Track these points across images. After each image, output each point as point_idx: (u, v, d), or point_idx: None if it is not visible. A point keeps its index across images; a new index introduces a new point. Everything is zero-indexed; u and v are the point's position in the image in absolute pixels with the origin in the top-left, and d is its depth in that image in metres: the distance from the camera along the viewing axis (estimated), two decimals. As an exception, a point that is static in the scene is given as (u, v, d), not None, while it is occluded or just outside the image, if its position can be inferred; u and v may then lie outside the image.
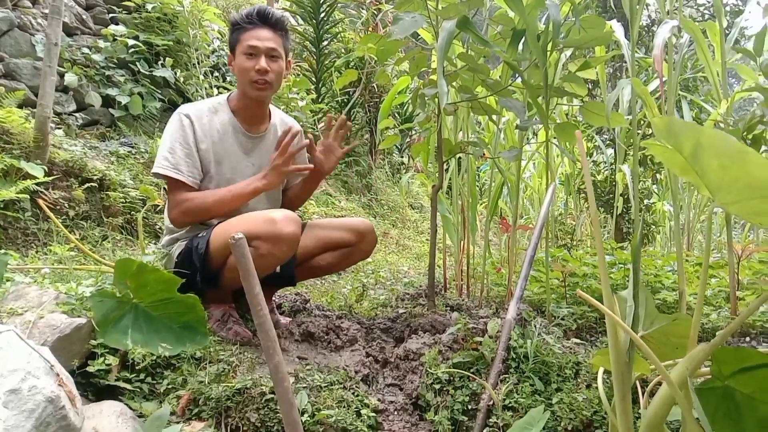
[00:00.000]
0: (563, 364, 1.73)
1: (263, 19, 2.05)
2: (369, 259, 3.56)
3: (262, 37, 2.03)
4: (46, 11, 3.04)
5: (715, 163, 1.00)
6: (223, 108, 2.11)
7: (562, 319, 2.05)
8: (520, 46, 2.21)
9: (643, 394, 1.48)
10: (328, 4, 6.03)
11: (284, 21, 2.12)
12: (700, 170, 1.06)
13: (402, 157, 7.85)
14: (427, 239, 5.62)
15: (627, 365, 1.20)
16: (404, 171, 7.54)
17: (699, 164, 1.04)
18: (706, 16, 5.14)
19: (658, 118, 0.98)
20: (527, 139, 2.66)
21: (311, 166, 2.14)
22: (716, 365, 1.16)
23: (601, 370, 1.48)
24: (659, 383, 1.41)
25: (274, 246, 1.82)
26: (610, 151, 4.90)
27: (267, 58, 2.03)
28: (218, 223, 1.99)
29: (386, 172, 7.01)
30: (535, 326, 1.83)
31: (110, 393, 1.58)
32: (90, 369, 1.58)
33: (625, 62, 5.09)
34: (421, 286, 2.91)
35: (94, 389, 1.59)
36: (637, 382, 1.53)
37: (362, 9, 6.93)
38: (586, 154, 4.94)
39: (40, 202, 2.05)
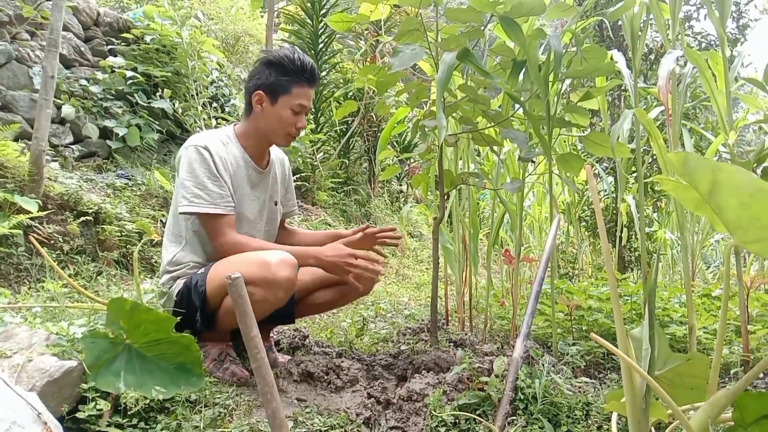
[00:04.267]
0: (573, 404, 1.66)
1: (315, 79, 2.06)
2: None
3: (310, 97, 2.06)
4: (44, 44, 3.02)
5: (734, 201, 0.96)
6: (233, 141, 2.08)
7: (571, 356, 1.98)
8: (521, 77, 2.19)
9: (658, 438, 1.41)
10: (326, 35, 6.06)
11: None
12: (717, 208, 1.02)
13: (401, 185, 7.82)
14: (427, 268, 5.55)
15: (644, 412, 1.14)
16: (403, 199, 7.51)
17: (716, 202, 1.00)
18: (704, 45, 5.17)
19: (672, 153, 0.94)
20: (527, 168, 2.62)
21: (380, 269, 2.00)
22: (738, 411, 1.10)
23: (615, 414, 1.42)
24: (677, 428, 1.35)
25: (269, 291, 1.77)
26: (610, 179, 4.87)
27: (304, 115, 2.07)
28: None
29: (385, 201, 6.97)
30: (543, 365, 1.77)
31: (101, 439, 1.51)
32: (80, 414, 1.50)
33: (623, 90, 5.11)
34: (422, 320, 2.85)
35: (84, 436, 1.52)
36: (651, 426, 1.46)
37: (360, 40, 6.98)
38: (586, 183, 4.91)
39: (32, 238, 2.00)
